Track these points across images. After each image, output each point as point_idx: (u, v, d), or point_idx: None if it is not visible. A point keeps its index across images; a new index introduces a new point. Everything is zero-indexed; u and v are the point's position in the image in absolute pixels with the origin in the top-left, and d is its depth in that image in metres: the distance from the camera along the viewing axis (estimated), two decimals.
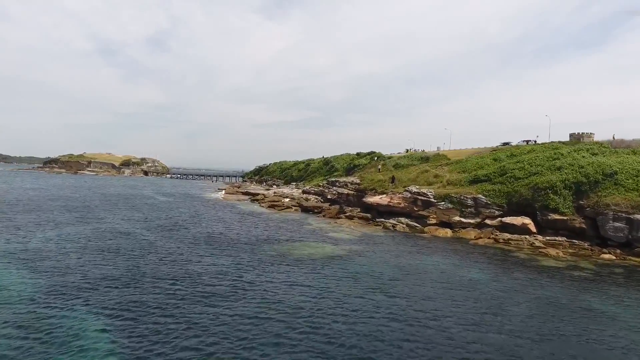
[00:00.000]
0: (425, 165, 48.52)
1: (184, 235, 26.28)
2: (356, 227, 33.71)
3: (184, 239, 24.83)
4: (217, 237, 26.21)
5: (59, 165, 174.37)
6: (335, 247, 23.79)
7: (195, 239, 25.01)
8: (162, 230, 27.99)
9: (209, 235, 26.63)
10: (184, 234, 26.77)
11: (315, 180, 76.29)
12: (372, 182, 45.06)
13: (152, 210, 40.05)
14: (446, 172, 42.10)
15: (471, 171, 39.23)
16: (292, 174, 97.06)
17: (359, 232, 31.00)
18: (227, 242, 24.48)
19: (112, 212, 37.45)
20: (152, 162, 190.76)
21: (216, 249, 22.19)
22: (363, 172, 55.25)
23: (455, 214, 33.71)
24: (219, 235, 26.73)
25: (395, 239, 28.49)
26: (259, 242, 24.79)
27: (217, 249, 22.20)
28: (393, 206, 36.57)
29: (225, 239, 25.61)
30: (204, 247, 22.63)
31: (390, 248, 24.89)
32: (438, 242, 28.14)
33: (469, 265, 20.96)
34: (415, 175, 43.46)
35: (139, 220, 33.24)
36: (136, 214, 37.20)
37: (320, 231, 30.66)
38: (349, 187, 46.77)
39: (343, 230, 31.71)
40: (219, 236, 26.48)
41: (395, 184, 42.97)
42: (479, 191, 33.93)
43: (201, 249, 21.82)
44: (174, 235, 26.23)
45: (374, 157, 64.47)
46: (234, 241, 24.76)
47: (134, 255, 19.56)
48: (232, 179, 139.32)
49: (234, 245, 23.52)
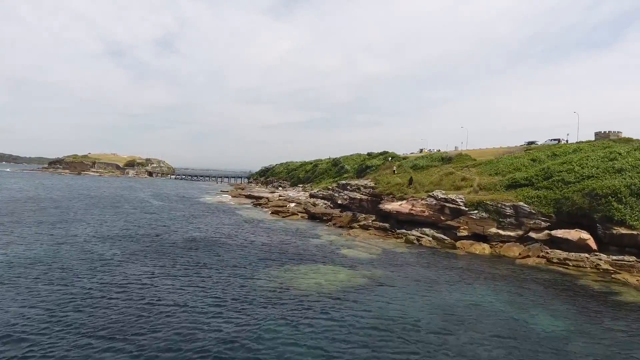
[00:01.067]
0: (448, 166, 43.04)
1: (153, 249, 21.32)
2: (373, 240, 28.42)
3: (149, 256, 19.87)
4: (198, 255, 21.14)
5: (63, 166, 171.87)
6: (352, 273, 18.52)
7: (166, 256, 20.02)
8: (130, 241, 23.09)
9: (188, 251, 21.61)
10: (154, 248, 21.81)
11: (324, 182, 71.10)
12: (388, 185, 39.74)
13: (136, 216, 35.27)
14: (474, 175, 36.61)
15: (505, 173, 33.71)
16: (299, 175, 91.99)
17: (377, 247, 25.72)
18: (209, 263, 19.37)
19: (85, 217, 32.67)
20: (158, 162, 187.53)
21: (189, 274, 17.07)
22: (377, 174, 49.86)
23: (491, 224, 28.25)
24: (202, 253, 21.66)
25: (423, 258, 23.17)
26: (252, 264, 19.63)
27: (191, 274, 17.09)
28: (416, 215, 31.20)
29: (208, 257, 20.53)
30: (171, 269, 17.57)
31: (420, 273, 19.56)
32: (476, 262, 22.76)
33: (531, 302, 15.57)
34: (438, 178, 38.03)
35: (111, 227, 28.47)
36: (115, 219, 32.45)
37: (330, 246, 25.45)
38: (362, 192, 41.49)
39: (358, 244, 26.46)
40: (201, 254, 21.40)
41: (414, 187, 37.69)
42: (520, 198, 28.43)
43: (165, 274, 16.77)
44: (140, 249, 21.26)
45: (388, 157, 59.08)
46: (218, 262, 19.64)
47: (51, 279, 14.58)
48: (238, 180, 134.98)
49: (216, 268, 18.37)
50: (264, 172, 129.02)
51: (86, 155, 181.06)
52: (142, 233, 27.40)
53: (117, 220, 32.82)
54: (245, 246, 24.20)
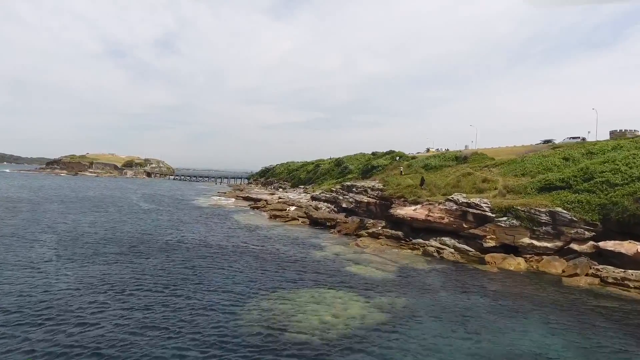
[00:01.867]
0: (464, 166, 38.92)
1: (118, 267, 17.28)
2: (385, 252, 24.33)
3: (107, 275, 15.83)
4: (172, 275, 17.09)
5: (61, 167, 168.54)
6: (365, 304, 14.36)
7: (129, 275, 15.97)
8: (90, 253, 19.04)
9: (160, 269, 17.56)
10: (120, 265, 17.77)
11: (326, 183, 67.05)
12: (399, 187, 35.63)
13: (115, 221, 31.23)
14: (497, 175, 32.51)
15: (534, 174, 29.59)
16: (300, 175, 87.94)
17: (391, 262, 21.61)
18: (183, 288, 15.31)
19: (54, 221, 28.66)
20: (157, 163, 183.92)
21: (151, 306, 13.03)
22: (384, 175, 45.79)
23: (523, 233, 24.15)
24: (177, 272, 17.62)
25: (449, 277, 19.06)
26: (239, 288, 15.55)
27: (154, 306, 13.05)
28: (434, 222, 27.10)
29: (183, 279, 16.48)
30: (129, 297, 13.53)
31: (451, 301, 15.44)
32: (514, 283, 18.65)
33: (612, 352, 11.45)
34: (455, 180, 33.91)
35: (78, 234, 24.44)
36: (88, 224, 28.43)
37: (336, 261, 21.36)
38: (369, 194, 37.41)
39: (368, 258, 22.36)
40: (176, 274, 17.36)
41: (429, 189, 33.61)
42: (557, 202, 24.31)
43: (116, 304, 12.73)
44: (97, 265, 17.23)
45: (395, 156, 54.97)
46: (194, 287, 15.57)
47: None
48: (238, 180, 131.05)
49: (190, 297, 14.29)
50: (264, 172, 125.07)
51: (84, 156, 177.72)
52: (114, 242, 23.40)
53: (90, 226, 28.86)
54: (234, 262, 20.13)
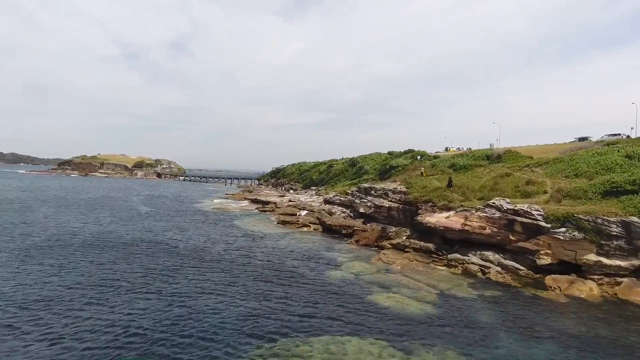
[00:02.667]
0: (500, 166, 34.19)
1: (70, 291, 13.28)
2: (417, 271, 19.87)
3: (49, 307, 11.82)
4: (140, 308, 13.02)
5: (72, 167, 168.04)
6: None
7: (78, 306, 11.95)
8: (56, 266, 15.08)
9: (124, 295, 13.49)
10: (74, 289, 13.77)
11: (340, 185, 62.73)
12: (425, 190, 31.07)
13: (104, 225, 27.42)
14: (543, 177, 27.77)
15: (592, 175, 24.80)
16: (312, 176, 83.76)
17: (427, 285, 17.17)
18: (152, 332, 11.20)
19: (40, 223, 24.92)
20: (167, 163, 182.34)
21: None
22: (405, 176, 41.26)
23: (587, 248, 19.48)
24: (150, 300, 13.54)
25: (506, 311, 14.55)
26: (229, 334, 11.37)
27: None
28: (472, 232, 22.54)
29: (153, 318, 12.39)
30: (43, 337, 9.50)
31: (522, 354, 10.96)
32: (595, 318, 14.05)
33: None
34: (492, 182, 29.24)
35: (58, 239, 20.55)
36: (75, 227, 24.59)
37: (358, 286, 17.01)
38: (390, 198, 32.95)
39: (398, 280, 17.92)
40: (146, 306, 13.28)
41: (462, 193, 29.06)
42: (630, 210, 19.56)
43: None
44: (53, 288, 13.28)
45: (416, 155, 50.32)
46: (167, 333, 11.44)
47: None
48: (248, 181, 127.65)
49: (157, 354, 10.17)
50: (275, 173, 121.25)
51: (95, 156, 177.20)
52: (87, 251, 19.52)
53: (70, 231, 25.09)
54: (227, 287, 15.97)
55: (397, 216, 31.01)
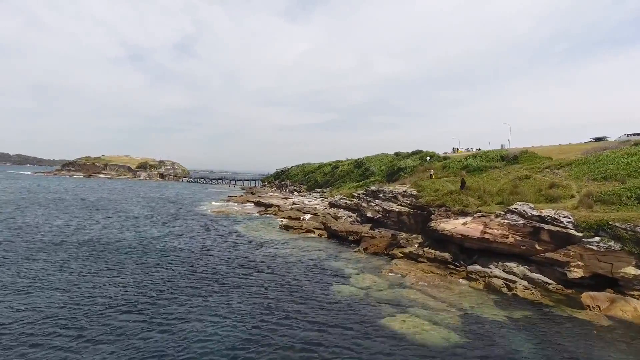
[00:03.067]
0: (517, 167, 32.02)
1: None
2: (433, 285, 17.78)
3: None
4: (95, 344, 11.10)
5: (76, 168, 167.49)
6: None
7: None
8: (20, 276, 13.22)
9: (86, 315, 11.60)
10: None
11: (345, 186, 60.73)
12: (436, 193, 28.98)
13: (91, 231, 25.57)
14: (568, 180, 25.58)
15: (623, 178, 22.59)
16: (317, 178, 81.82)
17: (447, 304, 15.10)
18: None
19: (29, 224, 23.13)
20: (171, 165, 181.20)
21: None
22: (415, 178, 39.14)
23: (625, 260, 17.34)
24: (109, 332, 11.62)
25: (543, 337, 12.45)
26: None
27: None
28: (494, 241, 20.42)
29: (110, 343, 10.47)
30: None
31: None
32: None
33: None
34: (510, 184, 27.08)
35: (33, 248, 18.71)
36: (59, 232, 22.75)
37: (368, 305, 14.97)
38: (400, 201, 30.87)
39: (413, 298, 15.86)
40: (101, 339, 11.36)
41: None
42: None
43: None
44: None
45: (425, 157, 48.19)
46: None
47: None
48: (252, 183, 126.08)
49: None
50: (278, 174, 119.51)
51: (99, 158, 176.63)
52: (70, 262, 17.66)
53: (63, 235, 23.29)
54: (222, 306, 14.03)
55: (408, 221, 28.95)
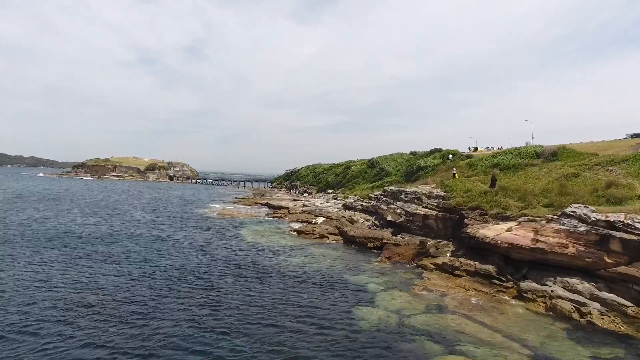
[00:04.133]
0: (559, 165, 28.28)
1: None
2: (482, 309, 14.29)
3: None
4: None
5: (85, 170, 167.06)
6: None
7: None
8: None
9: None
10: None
11: (359, 187, 57.30)
12: (468, 194, 25.43)
13: (86, 236, 22.60)
14: (626, 178, 21.83)
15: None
16: (328, 179, 78.51)
17: (506, 338, 11.62)
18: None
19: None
20: (180, 166, 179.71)
21: None
22: (436, 177, 35.55)
23: None
24: None
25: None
26: None
27: None
28: (549, 251, 16.80)
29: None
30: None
31: None
32: None
33: None
34: (556, 184, 23.38)
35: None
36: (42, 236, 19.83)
37: (403, 337, 11.58)
38: (425, 203, 27.35)
39: (459, 328, 12.40)
40: None
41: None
42: None
43: None
44: None
45: (448, 155, 44.50)
46: None
47: None
48: (261, 184, 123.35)
49: None
50: (288, 176, 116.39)
51: (108, 159, 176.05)
52: (49, 268, 14.62)
53: (51, 236, 20.36)
54: (220, 337, 10.82)
55: (436, 226, 25.44)
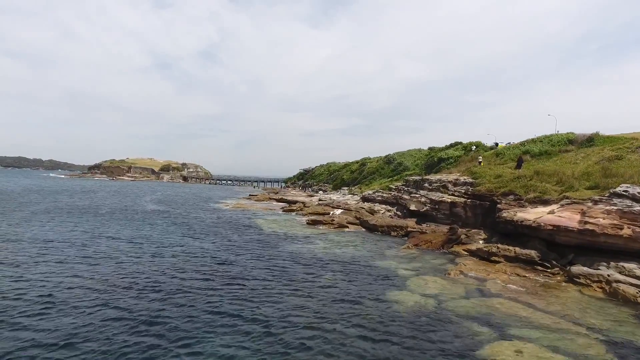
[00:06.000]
0: (597, 149, 26.28)
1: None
2: (531, 294, 12.62)
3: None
4: None
5: (101, 171, 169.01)
6: None
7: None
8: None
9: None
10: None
11: (375, 183, 55.61)
12: (499, 180, 23.69)
13: (79, 231, 21.68)
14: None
15: None
16: (343, 176, 76.90)
17: (568, 322, 9.99)
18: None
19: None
20: (194, 167, 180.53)
21: None
22: (460, 168, 33.76)
23: None
24: None
25: None
26: None
27: None
28: (600, 233, 15.00)
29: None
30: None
31: None
32: None
33: None
34: (599, 167, 21.47)
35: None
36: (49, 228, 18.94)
37: (447, 322, 10.03)
38: (451, 190, 25.66)
39: (510, 309, 10.80)
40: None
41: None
42: None
43: None
44: None
45: (471, 146, 42.58)
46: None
47: None
48: (275, 184, 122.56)
49: None
50: (302, 175, 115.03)
51: (123, 160, 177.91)
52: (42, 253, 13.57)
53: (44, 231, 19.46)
54: (242, 321, 9.44)
55: (464, 214, 23.73)
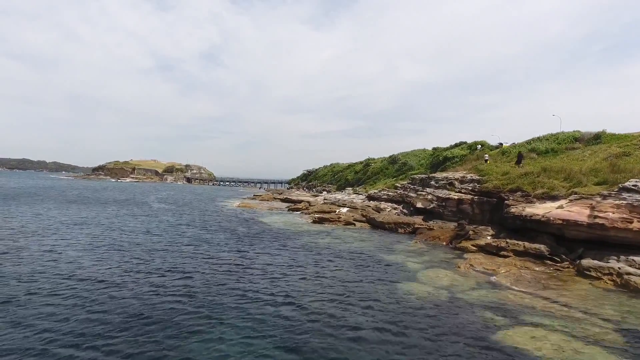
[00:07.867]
0: (604, 147, 26.22)
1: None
2: (542, 286, 12.62)
3: None
4: None
5: (105, 172, 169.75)
6: None
7: None
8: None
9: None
10: None
11: (380, 183, 55.58)
12: (506, 177, 23.69)
13: (75, 231, 21.84)
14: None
15: None
16: (347, 177, 76.93)
17: (581, 312, 9.98)
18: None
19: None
20: (198, 169, 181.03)
21: None
22: (466, 166, 33.73)
23: None
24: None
25: None
26: None
27: None
28: (610, 227, 14.98)
29: None
30: None
31: None
32: None
33: None
34: (607, 164, 21.43)
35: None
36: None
37: (460, 309, 10.05)
38: (458, 188, 25.67)
39: (521, 300, 10.81)
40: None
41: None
42: None
43: None
44: None
45: (476, 145, 42.53)
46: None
47: None
48: (278, 186, 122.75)
49: None
50: (305, 176, 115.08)
51: (127, 162, 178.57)
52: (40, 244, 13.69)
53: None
54: (252, 312, 9.51)
55: (471, 211, 23.71)
